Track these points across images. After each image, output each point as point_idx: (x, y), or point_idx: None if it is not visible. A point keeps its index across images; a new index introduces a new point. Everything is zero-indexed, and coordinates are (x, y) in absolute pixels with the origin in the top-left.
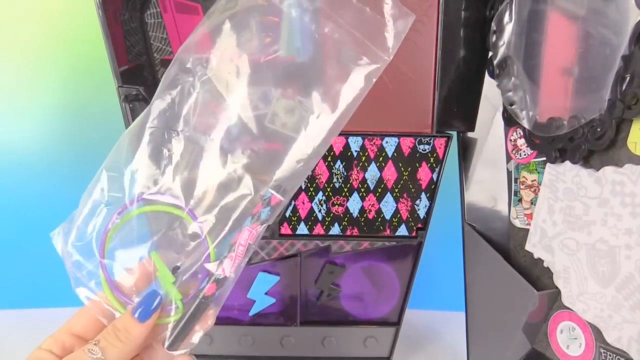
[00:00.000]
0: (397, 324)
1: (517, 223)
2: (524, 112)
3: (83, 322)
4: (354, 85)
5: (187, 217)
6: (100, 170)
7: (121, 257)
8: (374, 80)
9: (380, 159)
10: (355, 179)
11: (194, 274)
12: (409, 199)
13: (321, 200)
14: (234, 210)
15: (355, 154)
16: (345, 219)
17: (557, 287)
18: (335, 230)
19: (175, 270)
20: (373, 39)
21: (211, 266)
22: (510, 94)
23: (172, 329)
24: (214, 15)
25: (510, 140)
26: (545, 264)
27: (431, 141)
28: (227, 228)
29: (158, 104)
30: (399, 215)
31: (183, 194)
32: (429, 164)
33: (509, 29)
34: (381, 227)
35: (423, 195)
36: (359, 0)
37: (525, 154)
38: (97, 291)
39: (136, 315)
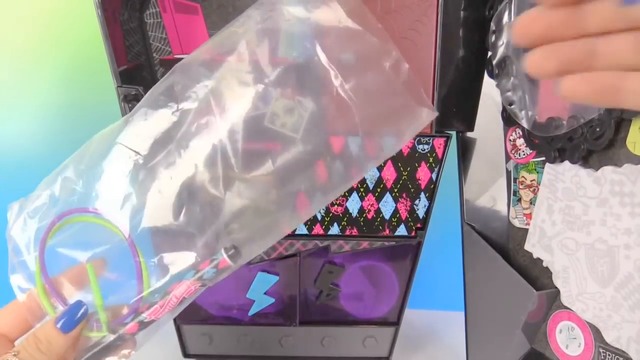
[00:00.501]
0: (396, 323)
1: (516, 223)
2: (523, 112)
3: (9, 319)
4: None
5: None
6: (66, 162)
7: (62, 256)
8: (363, 173)
9: None
10: None
11: (124, 303)
12: (408, 199)
13: None
14: (177, 264)
15: None
16: (345, 219)
17: (556, 287)
18: (335, 230)
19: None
20: (388, 125)
21: (140, 306)
22: (509, 93)
23: (86, 350)
24: (223, 35)
25: (510, 140)
26: (544, 264)
27: (430, 141)
28: (166, 279)
29: (135, 121)
30: (398, 215)
31: (129, 223)
32: (428, 164)
33: (508, 28)
34: (380, 227)
35: (422, 195)
36: (391, 67)
37: (524, 154)
38: (32, 285)
39: (59, 325)
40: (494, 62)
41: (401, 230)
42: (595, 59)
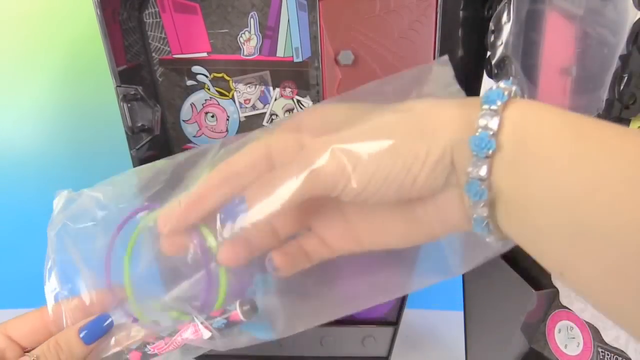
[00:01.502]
0: (395, 323)
1: None
2: None
3: (25, 329)
4: None
5: None
6: (137, 171)
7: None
8: None
9: None
10: None
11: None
12: None
13: None
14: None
15: None
16: None
17: (555, 287)
18: None
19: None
20: None
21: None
22: None
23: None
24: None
25: None
26: None
27: None
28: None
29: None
30: None
31: None
32: None
33: (507, 28)
34: None
35: None
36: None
37: None
38: (72, 295)
39: (82, 334)
40: (493, 62)
41: None
42: None
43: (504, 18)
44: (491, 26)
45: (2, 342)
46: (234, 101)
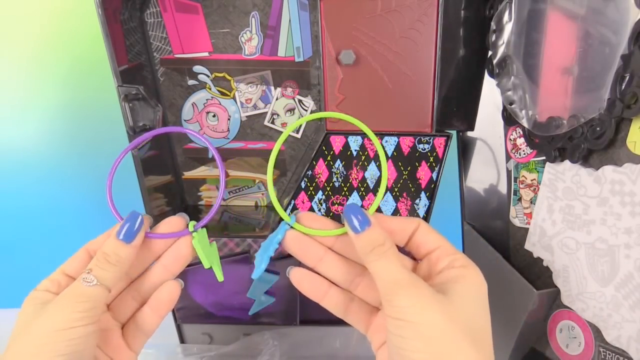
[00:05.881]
0: None
1: (517, 222)
2: (523, 112)
3: (75, 264)
4: None
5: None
6: None
7: None
8: None
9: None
10: (355, 178)
11: None
12: (408, 198)
13: (321, 199)
14: None
15: (354, 153)
16: None
17: (556, 286)
18: None
19: None
20: None
21: None
22: (509, 93)
23: None
24: None
25: (510, 139)
26: (544, 263)
27: (431, 140)
28: None
29: None
30: (398, 215)
31: None
32: (428, 163)
33: (508, 28)
34: None
35: (423, 195)
36: None
37: (524, 153)
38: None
39: (121, 237)
40: (495, 61)
41: None
42: None
43: (506, 17)
44: (492, 25)
45: (65, 280)
46: (236, 101)
